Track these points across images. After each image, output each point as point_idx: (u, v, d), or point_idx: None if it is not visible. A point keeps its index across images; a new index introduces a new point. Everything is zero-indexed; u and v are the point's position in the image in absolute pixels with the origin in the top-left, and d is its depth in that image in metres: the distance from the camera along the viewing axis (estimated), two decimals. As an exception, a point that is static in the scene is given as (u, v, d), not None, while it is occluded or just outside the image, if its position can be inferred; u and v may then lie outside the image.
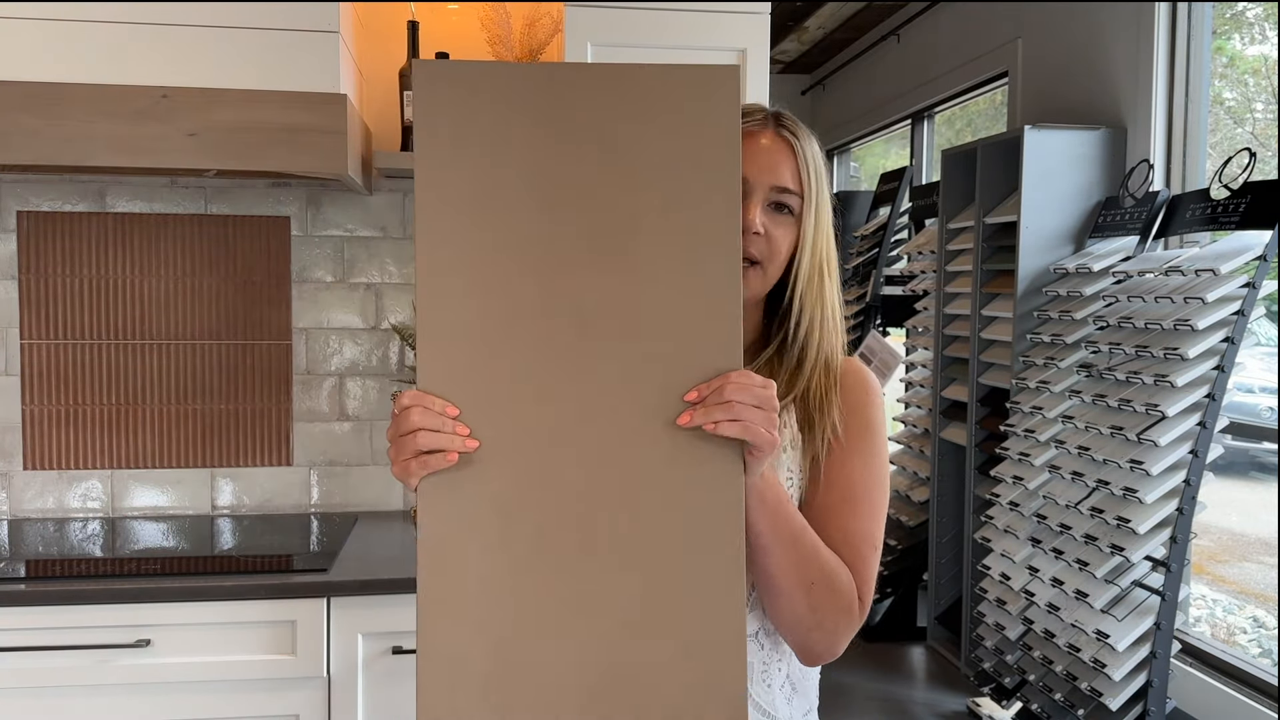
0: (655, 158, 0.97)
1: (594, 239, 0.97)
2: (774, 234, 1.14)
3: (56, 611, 1.85)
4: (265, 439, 2.45)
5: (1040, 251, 3.19)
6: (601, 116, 0.97)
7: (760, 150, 1.15)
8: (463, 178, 0.96)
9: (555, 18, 2.33)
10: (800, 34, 5.56)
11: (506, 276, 0.96)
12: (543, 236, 0.97)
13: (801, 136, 1.17)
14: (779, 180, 1.14)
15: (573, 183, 0.97)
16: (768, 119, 1.17)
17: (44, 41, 1.96)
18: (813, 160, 1.16)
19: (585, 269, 0.97)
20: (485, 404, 0.96)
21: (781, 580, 1.07)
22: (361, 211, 2.46)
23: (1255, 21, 3.12)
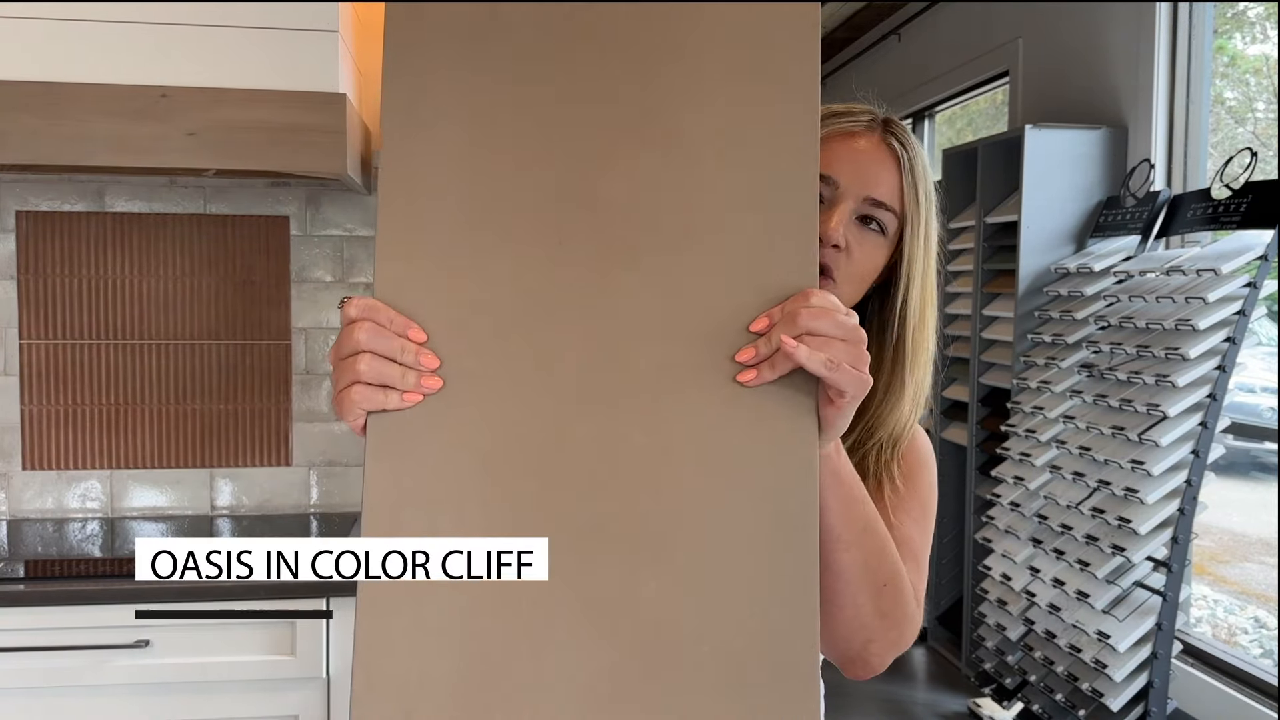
0: (709, 64, 0.74)
1: (625, 127, 0.73)
2: (858, 252, 0.98)
3: (56, 611, 1.84)
4: (264, 439, 2.44)
5: (1041, 251, 3.19)
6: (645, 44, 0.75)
7: (859, 154, 0.99)
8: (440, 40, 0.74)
9: (555, 17, 2.33)
10: (801, 33, 5.56)
11: (498, 163, 0.72)
12: (546, 111, 0.73)
13: (910, 149, 1.00)
14: (874, 191, 0.98)
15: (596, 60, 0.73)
16: (875, 121, 1.02)
17: (44, 41, 1.96)
18: (921, 178, 1.00)
19: (608, 159, 0.72)
20: (461, 330, 0.70)
21: (849, 579, 0.86)
22: (361, 211, 2.46)
23: (1256, 21, 3.12)
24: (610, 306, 0.71)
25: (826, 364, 0.71)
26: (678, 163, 0.72)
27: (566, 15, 0.73)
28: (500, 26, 0.73)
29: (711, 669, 0.70)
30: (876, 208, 0.98)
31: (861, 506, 0.86)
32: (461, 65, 0.73)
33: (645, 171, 0.72)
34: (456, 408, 0.70)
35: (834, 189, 0.98)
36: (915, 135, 4.11)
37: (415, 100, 0.72)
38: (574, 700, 0.70)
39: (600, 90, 0.73)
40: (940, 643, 3.89)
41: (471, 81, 0.73)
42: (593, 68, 0.73)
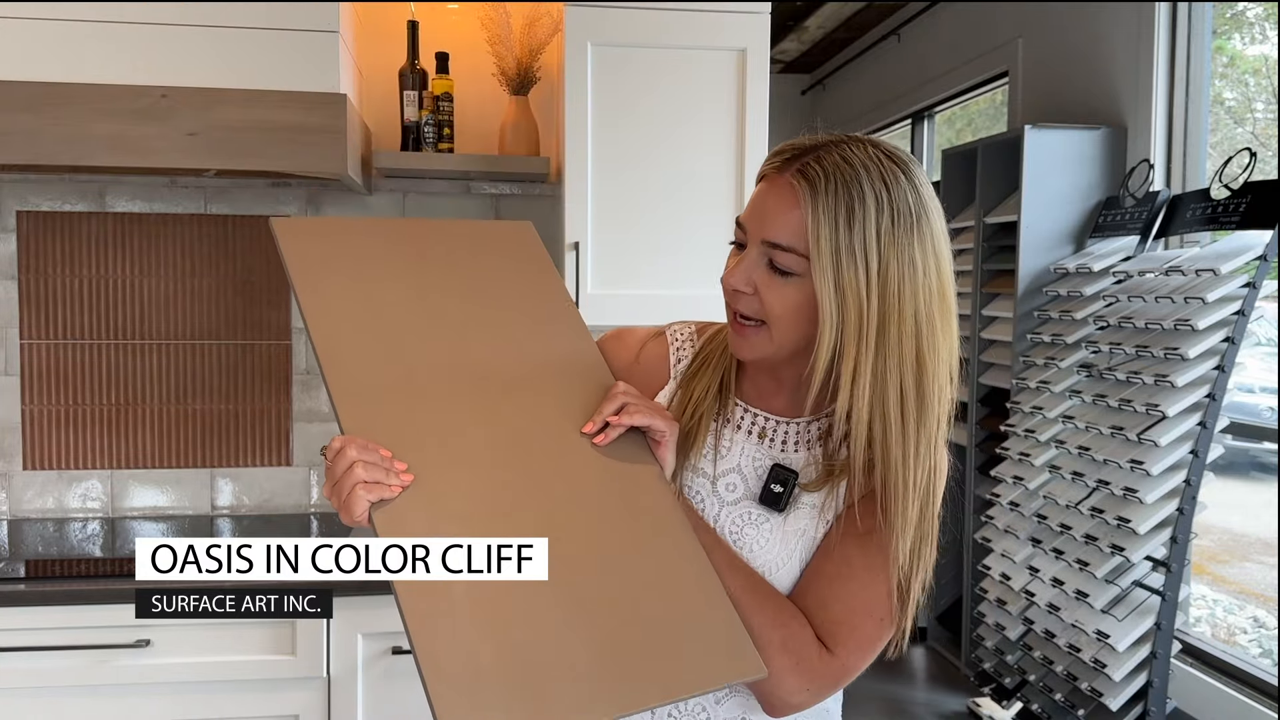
0: (492, 271, 1.16)
1: (467, 327, 1.11)
2: (767, 295, 1.01)
3: (56, 611, 1.85)
4: (265, 439, 2.44)
5: (1040, 251, 3.19)
6: (446, 254, 1.15)
7: (760, 196, 1.02)
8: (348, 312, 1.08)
9: (555, 18, 2.33)
10: (800, 34, 5.56)
11: (403, 358, 1.06)
12: (425, 330, 1.08)
13: (822, 184, 0.96)
14: (768, 234, 1.00)
15: (441, 294, 1.12)
16: (793, 160, 1.00)
17: (44, 41, 1.96)
18: (832, 214, 0.96)
19: (467, 345, 1.09)
20: (414, 443, 1.00)
21: None
22: (361, 211, 2.46)
23: (1256, 21, 3.12)
24: (503, 417, 1.05)
25: (632, 417, 1.04)
26: (505, 340, 1.11)
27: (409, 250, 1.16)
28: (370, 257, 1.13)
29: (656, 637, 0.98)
30: (774, 250, 1.00)
31: (699, 532, 1.05)
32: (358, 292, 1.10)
33: (490, 349, 1.10)
34: (428, 487, 0.99)
35: (744, 233, 1.04)
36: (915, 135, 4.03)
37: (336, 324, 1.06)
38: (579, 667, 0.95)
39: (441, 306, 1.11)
40: (939, 642, 3.90)
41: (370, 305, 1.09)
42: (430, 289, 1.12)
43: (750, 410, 1.14)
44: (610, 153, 2.20)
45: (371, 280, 1.10)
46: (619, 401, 1.04)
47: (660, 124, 2.21)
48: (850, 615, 1.04)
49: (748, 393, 1.15)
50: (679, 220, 2.21)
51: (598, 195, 2.21)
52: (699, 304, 1.57)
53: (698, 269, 2.15)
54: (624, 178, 2.21)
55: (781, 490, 1.07)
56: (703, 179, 2.23)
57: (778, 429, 1.13)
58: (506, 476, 1.02)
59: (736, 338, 1.06)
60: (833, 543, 1.07)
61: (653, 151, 2.22)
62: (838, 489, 1.08)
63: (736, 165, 2.24)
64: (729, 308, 1.06)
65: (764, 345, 1.04)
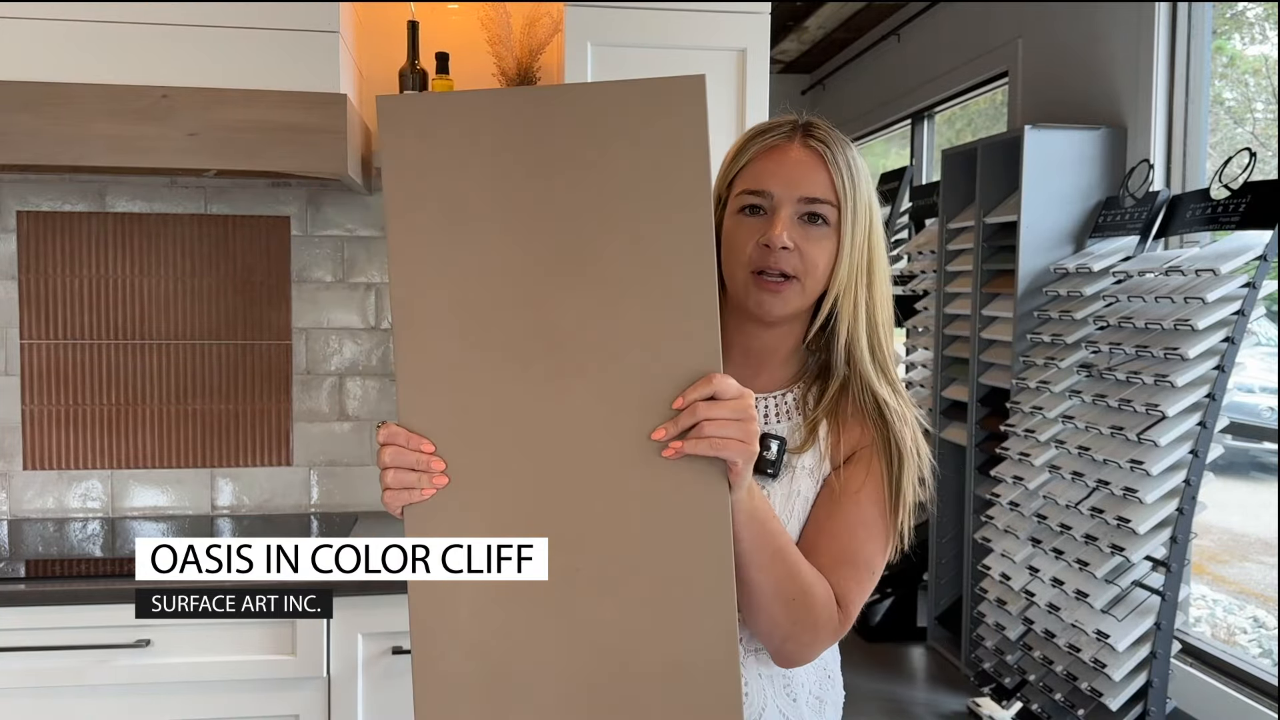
0: (623, 175, 0.96)
1: (564, 261, 0.96)
2: (807, 248, 1.10)
3: (56, 611, 1.85)
4: (265, 439, 2.45)
5: (1040, 251, 3.19)
6: (567, 139, 0.96)
7: (788, 163, 1.12)
8: (431, 210, 0.96)
9: (555, 18, 2.33)
10: (800, 34, 5.57)
11: (479, 307, 0.96)
12: (513, 265, 0.96)
13: (833, 144, 1.13)
14: (808, 190, 1.11)
15: (540, 207, 0.96)
16: (795, 130, 1.14)
17: (44, 41, 1.96)
18: (847, 167, 1.12)
19: (556, 292, 0.96)
20: (463, 435, 0.96)
21: (761, 594, 1.07)
22: (361, 211, 2.46)
23: (1255, 21, 3.12)
24: (567, 408, 0.95)
25: (713, 445, 0.94)
26: (601, 294, 0.96)
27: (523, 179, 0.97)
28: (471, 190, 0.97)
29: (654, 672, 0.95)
30: (814, 204, 1.11)
31: (772, 538, 1.05)
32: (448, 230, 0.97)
33: (580, 304, 0.96)
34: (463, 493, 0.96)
35: (770, 199, 1.11)
36: (915, 135, 4.06)
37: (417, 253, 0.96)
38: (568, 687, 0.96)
39: (545, 230, 0.96)
40: (939, 642, 3.90)
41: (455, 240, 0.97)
42: (537, 218, 0.96)
43: None
44: (610, 153, 2.20)
45: (470, 191, 0.96)
46: (696, 417, 0.95)
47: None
48: (854, 570, 1.13)
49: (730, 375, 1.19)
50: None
51: (598, 195, 2.21)
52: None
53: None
54: (624, 178, 2.21)
55: (775, 455, 1.13)
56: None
57: (758, 405, 1.18)
58: (550, 485, 0.95)
59: (770, 296, 1.11)
60: (830, 504, 1.15)
61: (653, 151, 2.22)
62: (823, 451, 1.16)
63: (736, 165, 2.24)
64: (756, 270, 1.11)
65: (797, 298, 1.12)
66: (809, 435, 1.16)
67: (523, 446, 0.95)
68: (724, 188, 1.16)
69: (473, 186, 0.96)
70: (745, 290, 1.12)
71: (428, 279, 0.96)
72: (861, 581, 1.13)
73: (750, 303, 1.13)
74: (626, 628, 0.95)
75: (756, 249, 1.10)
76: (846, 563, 1.12)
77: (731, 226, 1.13)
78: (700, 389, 0.95)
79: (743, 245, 1.11)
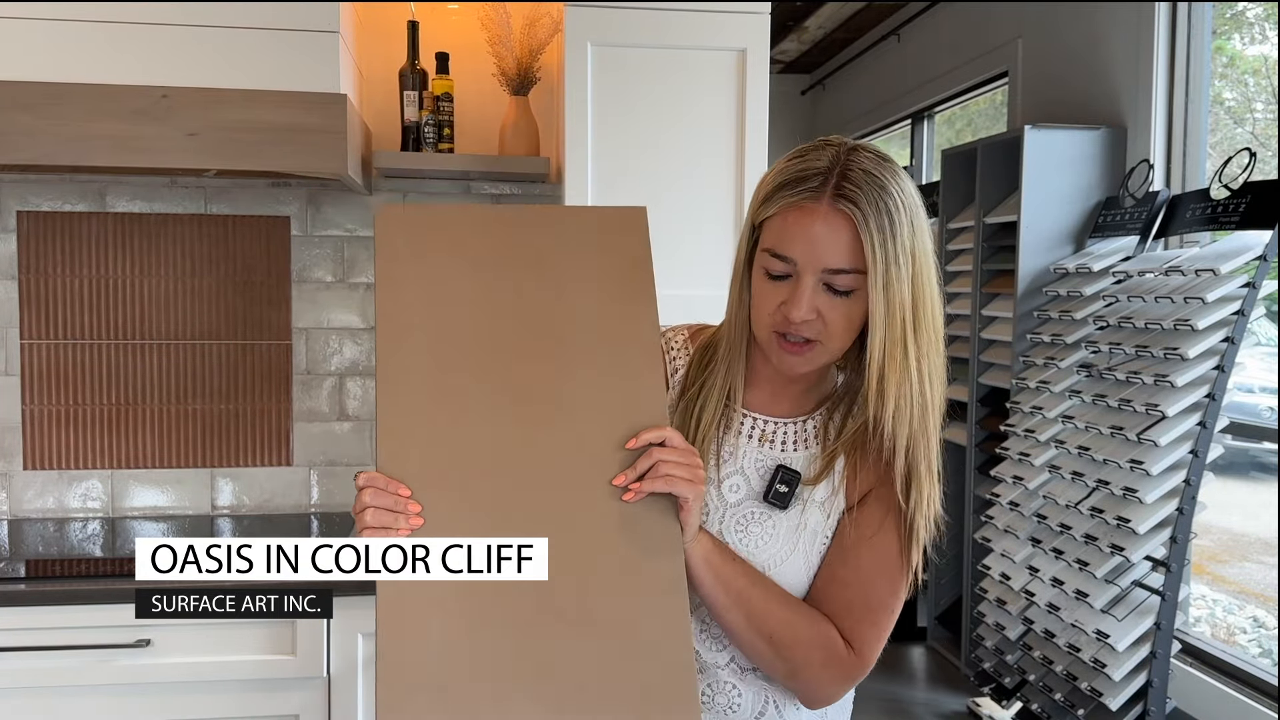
0: (582, 272, 1.11)
1: (531, 336, 1.09)
2: (829, 315, 1.07)
3: (56, 611, 1.85)
4: (265, 439, 2.45)
5: (1040, 251, 3.19)
6: (538, 243, 1.12)
7: (813, 231, 1.04)
8: (417, 289, 1.09)
9: (555, 18, 2.33)
10: (800, 34, 5.57)
11: (455, 370, 1.07)
12: (486, 336, 1.08)
13: (865, 201, 1.03)
14: (831, 261, 1.05)
15: (513, 293, 1.10)
16: (825, 184, 1.05)
17: (44, 41, 1.96)
18: (879, 226, 1.03)
19: (524, 360, 1.08)
20: (437, 481, 1.03)
21: (734, 635, 1.11)
22: (361, 211, 2.47)
23: (1255, 21, 3.12)
24: (533, 457, 1.05)
25: (666, 482, 1.01)
26: (563, 363, 1.08)
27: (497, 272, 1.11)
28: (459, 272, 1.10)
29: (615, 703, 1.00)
30: (836, 275, 1.06)
31: (732, 582, 1.09)
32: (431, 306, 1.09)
33: (545, 370, 1.07)
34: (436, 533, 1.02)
35: (793, 265, 1.06)
36: (915, 135, 4.02)
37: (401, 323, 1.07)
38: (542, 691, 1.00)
39: (514, 312, 1.09)
40: (939, 642, 3.90)
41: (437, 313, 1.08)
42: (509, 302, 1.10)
43: (754, 417, 1.19)
44: (610, 153, 2.21)
45: (450, 279, 1.10)
46: (653, 459, 1.03)
47: (660, 124, 2.22)
48: (869, 614, 1.13)
49: (752, 401, 1.20)
50: (679, 220, 2.21)
51: (597, 195, 2.21)
52: (700, 304, 1.58)
53: (698, 269, 2.15)
54: (624, 178, 2.21)
55: (787, 490, 1.14)
56: (703, 179, 2.23)
57: (778, 430, 1.18)
58: (517, 526, 1.02)
59: (792, 357, 1.10)
60: (845, 549, 1.14)
61: (652, 151, 2.22)
62: (837, 484, 1.15)
63: (736, 165, 2.24)
64: (777, 333, 1.09)
65: (821, 357, 1.11)
66: (825, 468, 1.15)
67: (492, 491, 1.04)
68: (753, 224, 1.12)
69: (455, 273, 1.10)
70: (769, 344, 1.11)
71: (409, 344, 1.07)
72: (878, 624, 1.13)
73: (773, 358, 1.12)
74: (589, 660, 1.00)
75: (779, 312, 1.08)
76: (859, 607, 1.12)
77: (757, 280, 1.11)
78: (653, 433, 1.04)
79: (765, 305, 1.09)
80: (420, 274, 1.10)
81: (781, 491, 1.13)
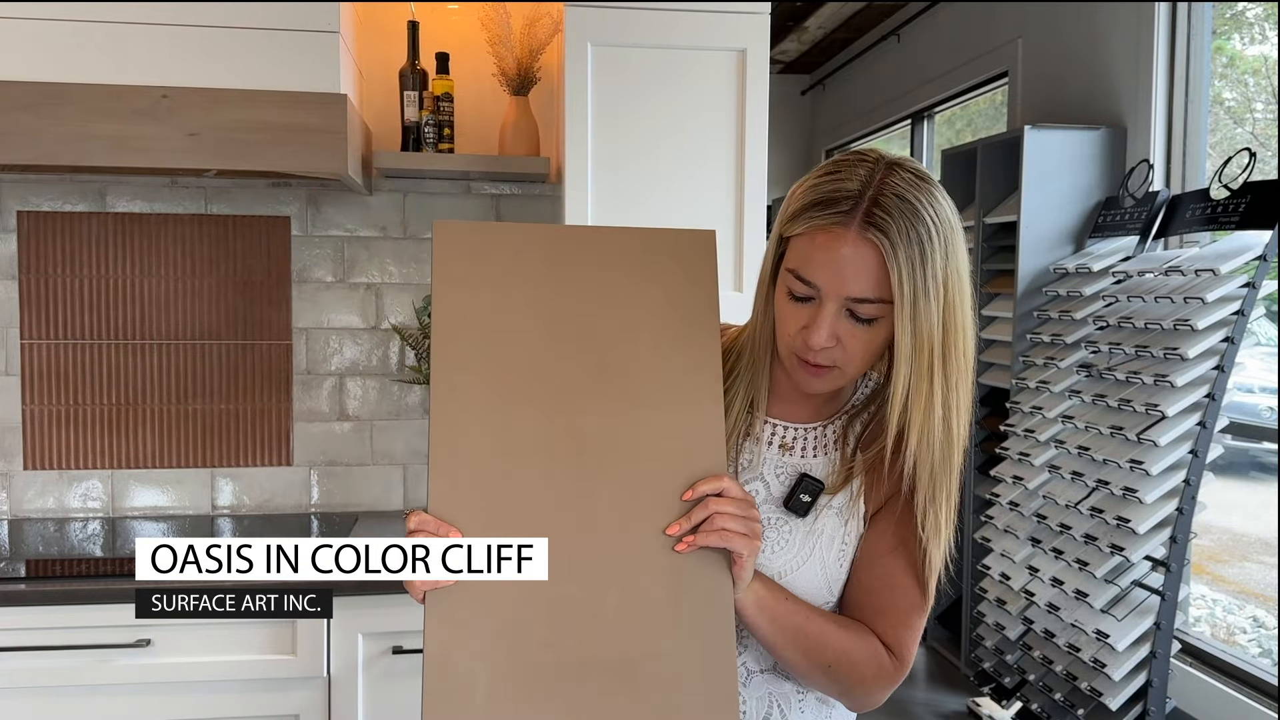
0: (644, 306, 1.08)
1: (591, 374, 1.06)
2: (849, 343, 1.05)
3: (56, 611, 1.85)
4: (265, 439, 2.45)
5: (1040, 251, 3.19)
6: (600, 271, 1.08)
7: (838, 258, 1.01)
8: (475, 320, 1.05)
9: (555, 18, 2.33)
10: (800, 34, 5.56)
11: (512, 409, 1.04)
12: (545, 374, 1.05)
13: (894, 230, 0.99)
14: (855, 291, 1.01)
15: (572, 327, 1.07)
16: (855, 209, 1.00)
17: (44, 41, 1.97)
18: (909, 257, 0.99)
19: (583, 401, 1.05)
20: (489, 526, 1.01)
21: (795, 669, 1.12)
22: (361, 211, 2.47)
23: (1255, 21, 3.12)
24: (587, 504, 1.03)
25: (721, 537, 1.00)
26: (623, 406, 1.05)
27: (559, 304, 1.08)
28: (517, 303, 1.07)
29: None
30: (859, 304, 1.03)
31: (787, 620, 1.08)
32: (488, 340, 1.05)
33: (604, 413, 1.05)
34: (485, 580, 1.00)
35: (817, 290, 1.04)
36: (915, 135, 4.01)
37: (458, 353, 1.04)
38: None
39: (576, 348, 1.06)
40: (939, 642, 3.90)
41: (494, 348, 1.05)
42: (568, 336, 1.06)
43: (775, 424, 1.19)
44: (610, 153, 2.21)
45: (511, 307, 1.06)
46: (708, 511, 1.01)
47: (660, 124, 2.22)
48: (901, 617, 1.14)
49: (775, 409, 1.20)
50: (679, 220, 2.21)
51: (598, 195, 2.21)
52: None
53: (697, 269, 2.14)
54: (624, 178, 2.21)
55: (810, 500, 1.14)
56: (703, 179, 2.23)
57: (798, 437, 1.19)
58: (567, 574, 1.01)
59: (810, 378, 1.09)
60: (871, 556, 1.15)
61: (653, 152, 2.22)
62: (855, 491, 1.16)
63: (736, 165, 2.24)
64: (797, 356, 1.08)
65: (839, 380, 1.10)
66: (844, 481, 1.15)
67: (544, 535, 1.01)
68: (779, 239, 1.09)
69: (514, 304, 1.06)
70: (789, 362, 1.11)
71: (466, 380, 1.04)
72: (911, 625, 1.14)
73: (794, 376, 1.11)
74: (632, 712, 0.99)
75: (800, 335, 1.06)
76: (892, 612, 1.14)
77: (780, 299, 1.09)
78: (710, 484, 1.02)
79: (788, 326, 1.08)
80: (480, 300, 1.06)
81: (804, 501, 1.13)
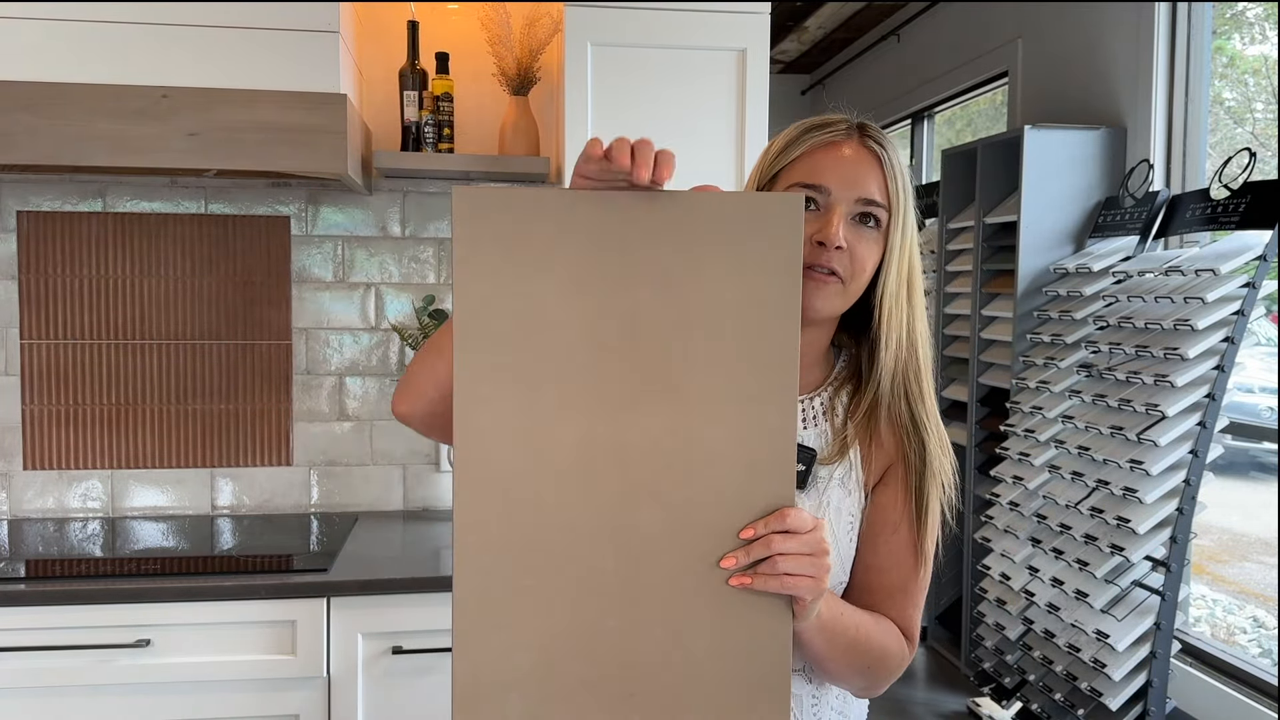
0: (711, 293, 0.91)
1: (641, 375, 0.91)
2: (858, 249, 1.08)
3: (56, 611, 1.85)
4: (265, 439, 2.45)
5: (1040, 251, 3.19)
6: (655, 249, 0.90)
7: (844, 160, 1.09)
8: (503, 315, 0.90)
9: (555, 18, 2.33)
10: (800, 34, 5.56)
11: (546, 415, 0.90)
12: (586, 372, 0.90)
13: (888, 147, 1.11)
14: (864, 192, 1.08)
15: (621, 315, 0.90)
16: (851, 129, 1.11)
17: (44, 41, 1.96)
18: (900, 173, 1.10)
19: (630, 407, 0.91)
20: (522, 550, 0.91)
21: (839, 677, 1.13)
22: (361, 211, 2.47)
23: (1255, 21, 3.12)
24: (631, 531, 0.92)
25: (784, 584, 0.92)
26: (680, 415, 0.91)
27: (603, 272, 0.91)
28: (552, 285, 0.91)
29: None
30: (869, 205, 1.09)
31: (843, 636, 1.06)
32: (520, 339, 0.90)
33: (657, 424, 0.91)
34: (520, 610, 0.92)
35: (826, 196, 1.08)
36: (915, 135, 4.06)
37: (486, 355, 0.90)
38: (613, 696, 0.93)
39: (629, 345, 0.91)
40: (939, 642, 3.90)
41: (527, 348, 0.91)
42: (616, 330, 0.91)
43: None
44: (610, 153, 2.20)
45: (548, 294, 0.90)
46: (770, 550, 0.92)
47: (660, 124, 2.22)
48: (907, 596, 1.16)
49: None
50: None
51: (598, 195, 2.21)
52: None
53: (698, 269, 2.15)
54: (624, 178, 2.21)
55: (804, 469, 1.13)
56: (703, 179, 2.23)
57: None
58: (607, 607, 0.91)
59: (817, 288, 1.07)
60: (874, 535, 1.16)
61: (653, 151, 2.22)
62: (854, 460, 1.16)
63: (736, 165, 2.24)
64: (806, 266, 1.05)
65: (838, 298, 1.10)
66: (839, 451, 1.16)
67: (582, 565, 0.91)
68: (766, 180, 1.13)
69: (549, 292, 0.90)
70: None
71: (493, 385, 0.90)
72: (919, 603, 1.17)
73: None
74: None
75: (808, 245, 1.05)
76: (899, 591, 1.15)
77: None
78: (774, 522, 0.93)
79: (822, 236, 1.08)
80: (509, 293, 0.90)
81: (799, 470, 1.11)
